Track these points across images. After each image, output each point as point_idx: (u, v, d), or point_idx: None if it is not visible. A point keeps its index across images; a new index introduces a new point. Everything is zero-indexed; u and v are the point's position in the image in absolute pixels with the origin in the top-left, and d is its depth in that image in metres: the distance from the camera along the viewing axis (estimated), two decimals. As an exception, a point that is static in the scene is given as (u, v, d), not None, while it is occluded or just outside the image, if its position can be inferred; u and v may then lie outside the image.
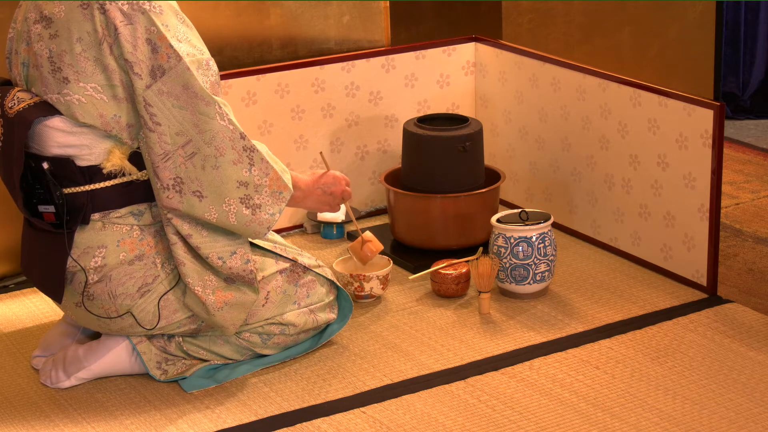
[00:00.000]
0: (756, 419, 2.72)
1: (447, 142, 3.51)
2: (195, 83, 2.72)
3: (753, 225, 3.78)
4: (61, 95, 2.73)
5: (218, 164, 2.75)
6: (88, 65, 2.72)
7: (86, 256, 2.80)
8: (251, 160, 2.78)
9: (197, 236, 2.80)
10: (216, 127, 2.74)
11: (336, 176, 3.06)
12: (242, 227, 2.81)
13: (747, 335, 3.09)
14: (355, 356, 3.05)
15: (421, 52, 3.84)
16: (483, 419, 2.76)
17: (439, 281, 3.33)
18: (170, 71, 2.71)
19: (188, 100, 2.72)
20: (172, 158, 2.74)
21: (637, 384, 2.88)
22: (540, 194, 3.80)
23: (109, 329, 2.90)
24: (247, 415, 2.81)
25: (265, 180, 2.80)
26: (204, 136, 2.74)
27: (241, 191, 2.78)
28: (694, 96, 3.27)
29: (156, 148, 2.74)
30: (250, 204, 2.79)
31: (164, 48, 2.70)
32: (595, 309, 3.25)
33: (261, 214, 2.80)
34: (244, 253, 2.84)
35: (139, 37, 2.70)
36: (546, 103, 3.70)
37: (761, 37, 4.90)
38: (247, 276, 2.85)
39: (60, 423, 2.81)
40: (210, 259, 2.81)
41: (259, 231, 2.82)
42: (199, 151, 2.74)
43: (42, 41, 2.74)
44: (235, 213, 2.78)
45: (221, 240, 2.83)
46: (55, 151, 2.77)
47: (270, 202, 2.81)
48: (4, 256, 3.51)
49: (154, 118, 2.72)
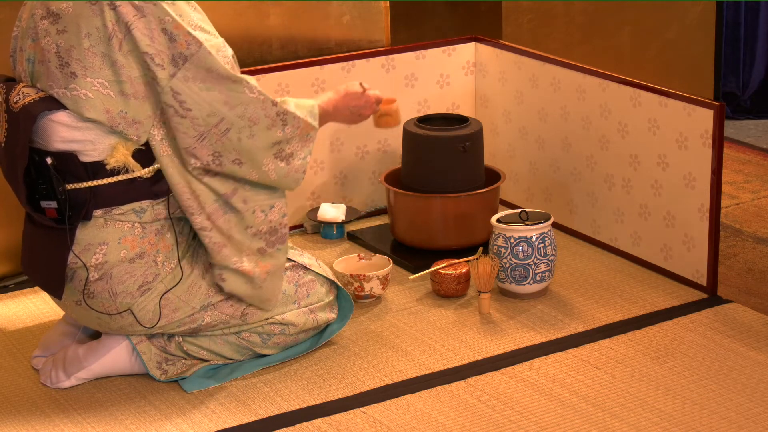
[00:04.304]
0: (756, 419, 2.72)
1: (447, 142, 3.51)
2: (218, 66, 2.76)
3: (753, 225, 3.78)
4: (68, 90, 2.74)
5: (253, 133, 2.82)
6: (95, 60, 2.73)
7: (87, 253, 2.80)
8: (284, 121, 2.86)
9: (242, 190, 2.87)
10: (246, 99, 2.80)
11: (368, 99, 3.11)
12: (282, 179, 2.89)
13: (747, 335, 3.09)
14: (355, 356, 3.05)
15: (421, 52, 3.84)
16: (483, 419, 2.76)
17: (439, 281, 3.33)
18: (192, 57, 2.74)
19: (214, 81, 2.77)
20: (207, 137, 2.79)
21: (637, 384, 2.88)
22: (540, 194, 3.80)
23: (108, 328, 2.90)
24: (247, 415, 2.81)
25: (296, 132, 2.88)
26: (236, 111, 2.79)
27: (276, 148, 2.87)
28: (694, 96, 3.28)
29: (190, 132, 2.78)
30: (283, 156, 2.87)
31: (182, 36, 2.73)
32: (595, 309, 3.25)
33: (294, 161, 2.90)
34: (281, 206, 2.93)
35: (154, 28, 2.72)
36: (546, 103, 3.70)
37: (761, 37, 4.90)
38: (281, 230, 2.93)
39: (60, 423, 2.81)
40: (255, 213, 2.88)
41: (296, 178, 2.92)
42: (233, 126, 2.80)
43: (49, 36, 2.75)
44: (273, 169, 2.87)
45: (262, 194, 2.91)
46: (59, 146, 2.78)
47: (300, 147, 2.91)
48: (4, 256, 3.51)
49: (184, 104, 2.76)
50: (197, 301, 2.89)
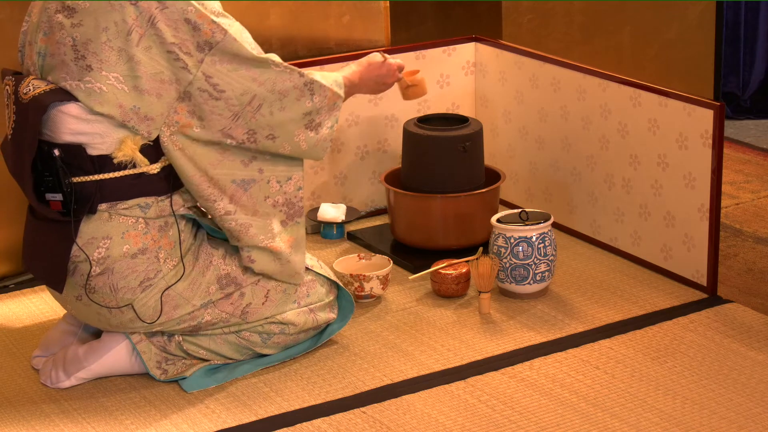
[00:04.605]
0: (756, 419, 2.72)
1: (447, 142, 3.51)
2: (243, 50, 2.82)
3: (753, 225, 3.78)
4: (82, 82, 2.76)
5: (284, 106, 2.88)
6: (112, 55, 2.75)
7: (90, 247, 2.81)
8: (312, 91, 2.91)
9: (261, 158, 2.92)
10: (273, 74, 2.86)
11: (390, 67, 3.19)
12: (311, 149, 2.95)
13: (747, 335, 3.09)
14: (355, 356, 3.05)
15: (421, 52, 3.84)
16: (483, 419, 2.76)
17: (439, 281, 3.33)
18: (218, 45, 2.79)
19: (241, 63, 2.82)
20: (242, 116, 2.84)
21: (637, 384, 2.88)
22: (540, 194, 3.80)
23: (108, 324, 2.90)
24: (247, 415, 2.81)
25: (325, 101, 2.93)
26: (265, 86, 2.85)
27: (306, 119, 2.91)
28: (694, 96, 3.28)
29: (225, 113, 2.83)
30: (313, 126, 2.93)
31: (206, 24, 2.78)
32: (595, 309, 3.25)
33: (322, 131, 2.95)
34: (298, 179, 2.97)
35: (177, 19, 2.76)
36: (546, 103, 3.70)
37: (761, 37, 4.90)
38: (297, 204, 2.97)
39: (60, 423, 2.81)
40: (270, 182, 2.92)
41: (324, 147, 2.97)
42: (264, 101, 2.85)
43: (64, 30, 2.77)
44: (304, 139, 2.92)
45: (281, 165, 2.95)
46: (68, 137, 2.78)
47: (327, 116, 2.96)
48: (4, 256, 3.51)
49: (217, 87, 2.81)
50: (198, 299, 2.89)
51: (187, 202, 2.92)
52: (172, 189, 2.88)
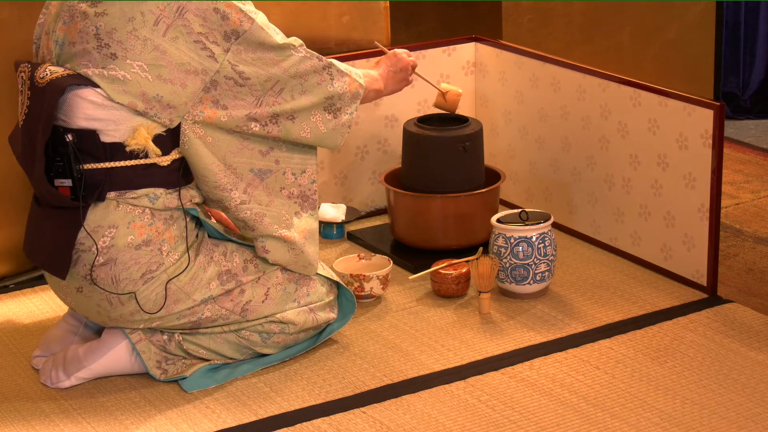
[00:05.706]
0: (756, 419, 2.72)
1: (447, 142, 3.51)
2: (269, 38, 2.86)
3: (753, 225, 3.78)
4: (106, 69, 2.77)
5: (305, 89, 2.93)
6: (137, 44, 2.77)
7: (95, 235, 2.81)
8: (331, 75, 2.97)
9: (278, 149, 2.96)
10: (295, 59, 2.91)
11: (395, 53, 3.30)
12: (330, 133, 3.00)
13: (747, 335, 3.09)
14: (355, 356, 3.05)
15: (421, 52, 3.84)
16: (483, 419, 2.76)
17: (439, 281, 3.33)
18: (245, 33, 2.83)
19: (265, 50, 2.87)
20: (264, 100, 2.89)
21: (637, 384, 2.88)
22: (540, 194, 3.80)
23: (108, 317, 2.89)
24: (247, 415, 2.81)
25: (345, 87, 2.98)
26: (288, 72, 2.90)
27: (326, 102, 2.97)
28: (694, 96, 3.28)
29: (248, 98, 2.87)
30: (332, 109, 2.97)
31: (234, 13, 2.81)
32: (595, 309, 3.25)
33: (342, 116, 3.00)
34: (312, 172, 3.01)
35: (206, 8, 2.80)
36: (546, 103, 3.70)
37: (761, 37, 4.90)
38: (311, 196, 3.00)
39: (60, 422, 2.81)
40: (286, 174, 2.95)
41: (342, 132, 3.02)
42: (286, 86, 2.91)
43: (88, 19, 2.79)
44: (321, 121, 2.96)
45: (296, 156, 2.98)
46: (82, 123, 2.79)
47: (348, 102, 3.00)
48: (4, 256, 3.51)
49: (242, 75, 2.85)
50: (198, 294, 2.89)
51: (195, 198, 2.93)
52: (181, 183, 2.88)
